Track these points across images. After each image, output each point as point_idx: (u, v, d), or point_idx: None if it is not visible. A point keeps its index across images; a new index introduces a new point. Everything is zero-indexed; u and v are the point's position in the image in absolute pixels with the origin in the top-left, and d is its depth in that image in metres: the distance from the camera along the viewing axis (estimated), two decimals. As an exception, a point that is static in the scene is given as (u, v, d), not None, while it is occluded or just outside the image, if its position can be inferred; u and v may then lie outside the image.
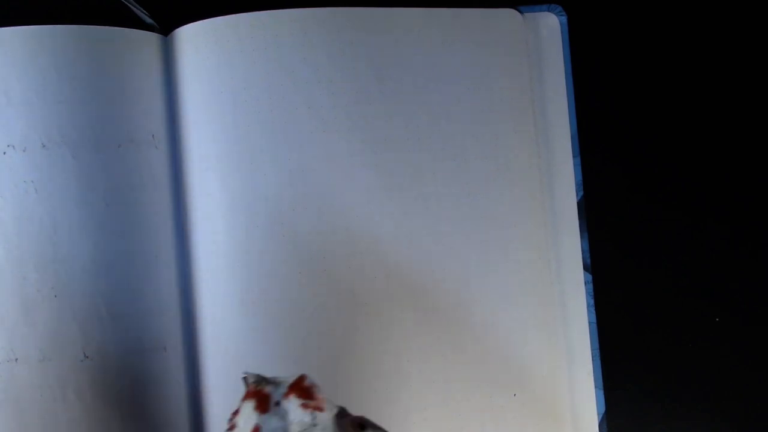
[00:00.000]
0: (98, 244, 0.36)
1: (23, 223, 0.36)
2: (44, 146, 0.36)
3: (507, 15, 0.40)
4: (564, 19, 0.41)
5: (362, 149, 0.38)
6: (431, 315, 0.38)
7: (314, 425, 0.26)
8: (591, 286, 0.41)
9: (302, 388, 0.26)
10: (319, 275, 0.37)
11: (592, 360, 0.40)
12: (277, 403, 0.26)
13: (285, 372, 0.37)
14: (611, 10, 0.43)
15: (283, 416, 0.26)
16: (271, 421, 0.26)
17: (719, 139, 0.42)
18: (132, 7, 0.40)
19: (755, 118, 0.43)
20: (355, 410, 0.37)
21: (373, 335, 0.37)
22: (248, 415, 0.26)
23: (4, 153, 0.36)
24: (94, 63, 0.37)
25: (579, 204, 0.41)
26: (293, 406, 0.26)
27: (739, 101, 0.43)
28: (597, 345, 0.40)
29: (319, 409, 0.26)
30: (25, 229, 0.36)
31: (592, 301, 0.40)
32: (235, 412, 0.27)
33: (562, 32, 0.41)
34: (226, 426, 0.27)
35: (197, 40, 0.38)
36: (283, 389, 0.27)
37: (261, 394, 0.27)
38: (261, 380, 0.27)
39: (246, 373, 0.28)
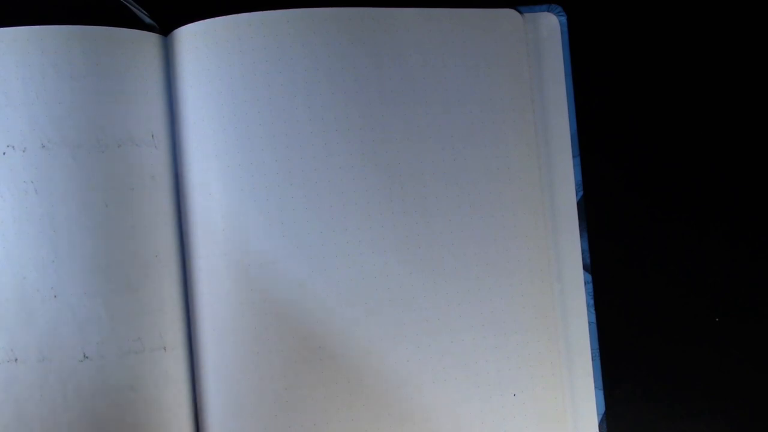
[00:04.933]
0: (98, 244, 0.36)
1: (23, 223, 0.36)
2: (44, 146, 0.36)
3: (507, 15, 0.40)
4: (564, 19, 0.41)
5: (362, 149, 0.38)
6: (430, 314, 0.38)
7: None
8: (591, 286, 0.41)
9: None
10: (320, 275, 0.37)
11: (592, 360, 0.40)
12: None
13: (284, 371, 0.37)
14: (611, 10, 0.43)
15: None
16: None
17: (719, 139, 0.42)
18: (132, 7, 0.40)
19: (755, 118, 0.43)
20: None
21: (373, 336, 0.37)
22: None
23: (4, 153, 0.36)
24: (94, 63, 0.37)
25: (579, 204, 0.41)
26: None
27: (739, 101, 0.43)
28: (597, 345, 0.40)
29: None
30: (25, 229, 0.36)
31: (592, 301, 0.40)
32: None
33: (561, 32, 0.41)
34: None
35: (197, 40, 0.38)
36: None
37: None
38: None
39: None
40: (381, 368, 0.37)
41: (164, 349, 0.37)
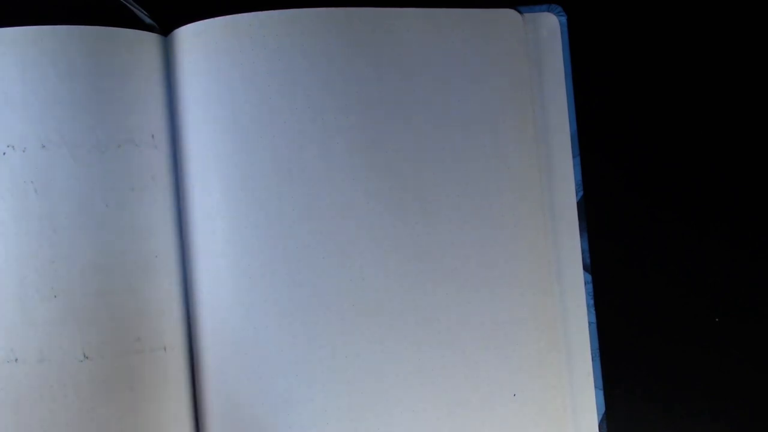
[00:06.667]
0: (98, 244, 0.36)
1: (23, 223, 0.36)
2: (44, 147, 0.36)
3: (507, 15, 0.40)
4: (564, 19, 0.41)
5: (362, 149, 0.38)
6: (430, 314, 0.38)
7: None
8: (591, 286, 0.41)
9: None
10: (319, 275, 0.37)
11: (592, 360, 0.40)
12: None
13: (284, 371, 0.37)
14: (611, 10, 0.43)
15: None
16: None
17: (719, 139, 0.42)
18: (132, 7, 0.40)
19: (755, 118, 0.43)
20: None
21: (372, 335, 0.37)
22: None
23: (4, 153, 0.36)
24: (94, 63, 0.37)
25: (579, 204, 0.41)
26: None
27: (739, 101, 0.43)
28: (597, 345, 0.40)
29: None
30: (25, 229, 0.36)
31: (592, 301, 0.40)
32: None
33: (561, 32, 0.41)
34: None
35: (197, 41, 0.38)
36: None
37: None
38: None
39: None
40: (380, 368, 0.37)
41: (164, 349, 0.37)
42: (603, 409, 0.40)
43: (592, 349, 0.40)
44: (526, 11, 0.41)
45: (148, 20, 0.40)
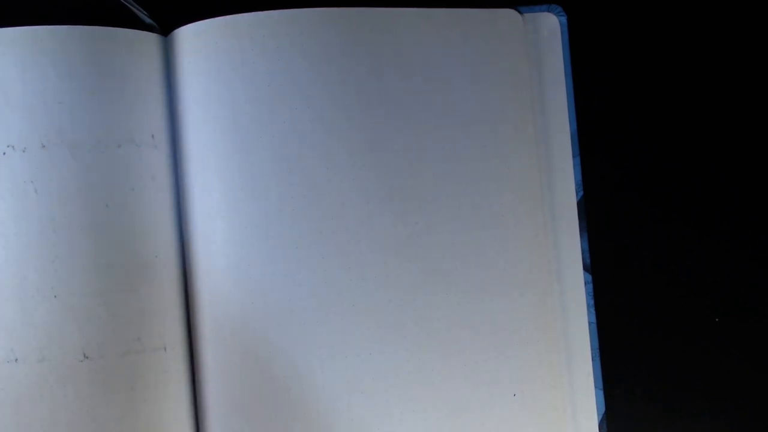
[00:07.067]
0: (98, 244, 0.36)
1: (23, 223, 0.36)
2: (44, 146, 0.36)
3: (507, 15, 0.40)
4: (564, 19, 0.41)
5: (362, 149, 0.38)
6: (430, 313, 0.38)
7: None
8: (591, 286, 0.41)
9: None
10: (319, 275, 0.37)
11: (592, 360, 0.40)
12: None
13: (284, 371, 0.37)
14: (611, 10, 0.43)
15: None
16: None
17: (719, 139, 0.42)
18: (132, 7, 0.40)
19: (755, 118, 0.43)
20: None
21: (372, 335, 0.37)
22: None
23: (4, 153, 0.36)
24: (94, 63, 0.37)
25: (579, 204, 0.41)
26: None
27: (740, 101, 0.43)
28: (597, 345, 0.40)
29: None
30: (25, 229, 0.36)
31: (592, 301, 0.40)
32: None
33: (561, 32, 0.41)
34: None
35: (197, 41, 0.38)
36: None
37: None
38: None
39: None
40: (380, 368, 0.37)
41: (164, 349, 0.37)
42: (603, 409, 0.40)
43: (592, 349, 0.40)
44: (526, 11, 0.41)
45: (148, 20, 0.40)
